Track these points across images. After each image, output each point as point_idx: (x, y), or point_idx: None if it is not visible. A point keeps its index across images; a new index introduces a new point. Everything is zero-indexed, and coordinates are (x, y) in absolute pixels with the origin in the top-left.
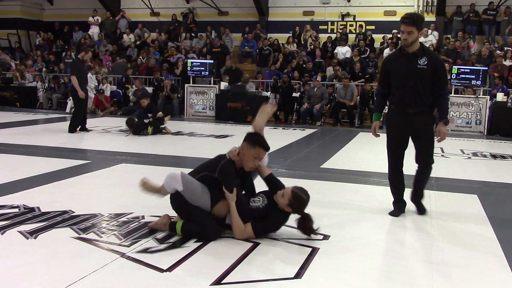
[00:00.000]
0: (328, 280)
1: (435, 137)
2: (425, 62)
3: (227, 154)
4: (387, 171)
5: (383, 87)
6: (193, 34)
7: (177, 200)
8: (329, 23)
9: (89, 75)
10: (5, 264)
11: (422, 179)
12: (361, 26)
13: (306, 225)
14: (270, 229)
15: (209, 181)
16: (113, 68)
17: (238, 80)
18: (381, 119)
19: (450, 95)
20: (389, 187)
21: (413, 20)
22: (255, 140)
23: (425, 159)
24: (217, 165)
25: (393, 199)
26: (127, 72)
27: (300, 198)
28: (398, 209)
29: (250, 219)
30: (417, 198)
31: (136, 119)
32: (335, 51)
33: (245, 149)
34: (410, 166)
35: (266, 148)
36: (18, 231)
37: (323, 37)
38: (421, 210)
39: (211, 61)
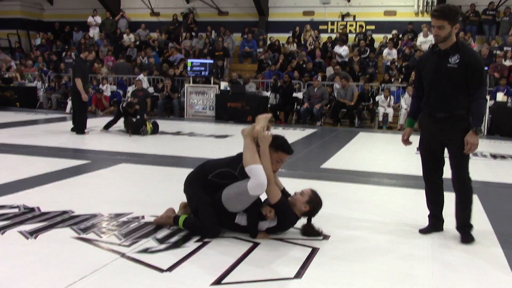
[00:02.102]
0: (328, 280)
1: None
2: (457, 61)
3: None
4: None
5: (417, 89)
6: (193, 34)
7: (193, 189)
8: (329, 23)
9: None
10: (5, 264)
11: (462, 206)
12: (361, 26)
13: (310, 232)
14: (288, 215)
15: (229, 178)
16: (115, 68)
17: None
18: (414, 126)
19: None
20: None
21: (444, 13)
22: (278, 145)
23: (457, 174)
24: (238, 162)
25: (428, 213)
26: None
27: (318, 197)
28: (431, 227)
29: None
30: (463, 228)
31: (133, 119)
32: (334, 50)
33: (269, 153)
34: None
35: (289, 152)
36: (18, 231)
37: (323, 37)
38: (466, 239)
39: (211, 61)
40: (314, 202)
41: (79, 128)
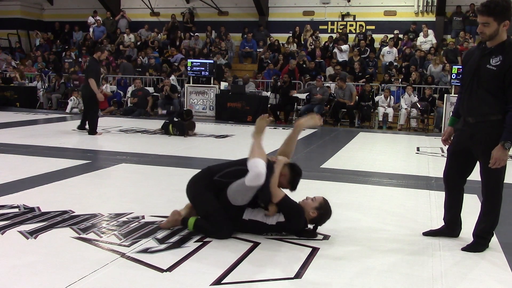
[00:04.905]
0: (328, 280)
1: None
2: (498, 63)
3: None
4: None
5: (462, 86)
6: (192, 34)
7: (197, 190)
8: (329, 23)
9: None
10: (5, 264)
11: (482, 213)
12: (361, 26)
13: (306, 233)
14: (293, 211)
15: (237, 176)
16: (120, 69)
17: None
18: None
19: (450, 95)
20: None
21: (489, 9)
22: (292, 178)
23: (485, 187)
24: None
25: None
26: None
27: (329, 206)
28: (437, 231)
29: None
30: (475, 237)
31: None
32: (334, 50)
33: (284, 173)
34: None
35: (292, 189)
36: (18, 231)
37: (324, 37)
38: (470, 248)
39: (211, 61)
40: (323, 210)
41: (91, 128)
